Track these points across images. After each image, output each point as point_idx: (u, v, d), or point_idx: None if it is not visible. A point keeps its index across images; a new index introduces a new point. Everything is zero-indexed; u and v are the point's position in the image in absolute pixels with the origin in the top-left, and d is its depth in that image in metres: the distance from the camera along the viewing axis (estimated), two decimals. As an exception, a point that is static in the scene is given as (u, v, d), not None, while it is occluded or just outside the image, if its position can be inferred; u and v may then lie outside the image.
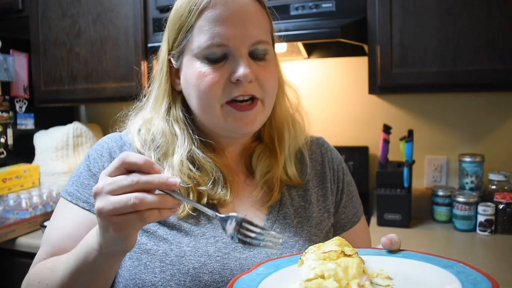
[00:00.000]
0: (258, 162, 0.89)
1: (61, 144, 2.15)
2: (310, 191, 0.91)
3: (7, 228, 1.80)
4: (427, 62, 1.59)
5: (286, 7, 1.71)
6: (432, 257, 0.65)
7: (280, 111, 0.90)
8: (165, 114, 0.85)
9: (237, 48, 0.76)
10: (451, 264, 0.62)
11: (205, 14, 0.76)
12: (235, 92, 0.77)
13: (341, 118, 2.08)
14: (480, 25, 1.53)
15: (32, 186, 2.08)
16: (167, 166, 0.82)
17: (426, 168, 1.98)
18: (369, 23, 1.66)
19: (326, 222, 0.91)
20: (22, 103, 2.24)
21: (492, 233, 1.67)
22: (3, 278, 1.90)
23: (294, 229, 0.85)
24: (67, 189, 0.85)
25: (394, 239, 0.70)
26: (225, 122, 0.80)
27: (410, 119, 1.97)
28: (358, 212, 1.00)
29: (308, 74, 2.12)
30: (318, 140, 1.01)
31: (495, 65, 1.52)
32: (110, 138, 0.89)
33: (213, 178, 0.82)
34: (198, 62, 0.78)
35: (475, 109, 1.89)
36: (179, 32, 0.80)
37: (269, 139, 0.91)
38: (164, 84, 0.86)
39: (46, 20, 2.16)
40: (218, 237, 0.80)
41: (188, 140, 0.83)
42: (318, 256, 0.62)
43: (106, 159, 0.85)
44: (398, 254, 0.69)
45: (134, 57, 2.00)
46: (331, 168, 0.97)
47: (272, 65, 0.82)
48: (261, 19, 0.80)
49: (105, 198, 0.59)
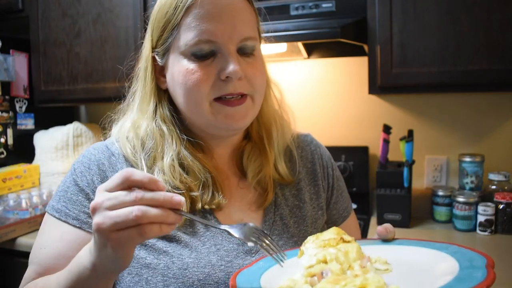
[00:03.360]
0: (249, 162, 0.87)
1: (61, 144, 2.15)
2: (303, 190, 0.91)
3: (7, 228, 1.80)
4: (427, 62, 1.59)
5: (286, 7, 1.71)
6: (426, 242, 0.67)
7: (267, 108, 0.89)
8: (152, 114, 0.83)
9: (225, 45, 0.75)
10: (446, 246, 0.63)
11: (192, 11, 0.75)
12: (224, 90, 0.76)
13: (341, 118, 2.08)
14: (480, 25, 1.53)
15: (32, 186, 2.08)
16: (157, 171, 0.79)
17: (426, 168, 1.98)
18: (369, 23, 1.66)
19: (320, 220, 0.91)
20: (22, 103, 2.24)
21: (492, 233, 1.66)
22: (3, 278, 1.90)
23: (292, 230, 0.85)
24: (53, 205, 0.81)
25: (389, 228, 0.70)
26: (215, 119, 0.78)
27: (410, 119, 1.97)
28: (348, 207, 1.01)
29: (308, 74, 2.12)
30: (306, 137, 1.00)
31: (495, 65, 1.52)
32: (96, 149, 0.85)
33: (202, 180, 0.80)
34: (185, 60, 0.76)
35: (475, 109, 1.89)
36: (164, 29, 0.79)
37: (258, 137, 0.89)
38: (150, 83, 0.83)
39: (46, 20, 2.16)
40: (219, 245, 0.78)
41: (176, 141, 0.81)
42: (318, 244, 0.64)
43: (94, 172, 0.81)
44: (393, 242, 0.70)
45: (134, 57, 1.99)
46: (321, 165, 0.97)
47: (260, 62, 0.82)
48: (249, 15, 0.79)
49: (104, 213, 0.57)
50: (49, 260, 0.78)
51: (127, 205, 0.56)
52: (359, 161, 1.99)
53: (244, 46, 0.77)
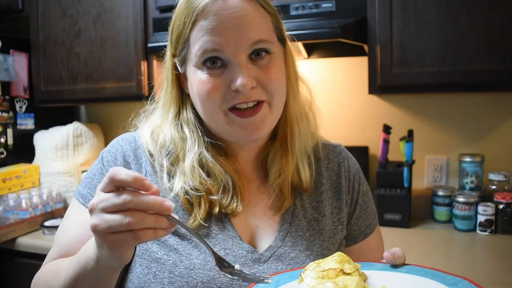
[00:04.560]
0: (272, 163, 0.86)
1: (61, 144, 2.15)
2: (324, 203, 0.89)
3: (7, 228, 1.80)
4: (427, 62, 1.59)
5: (286, 7, 1.71)
6: (437, 272, 0.64)
7: (292, 107, 0.86)
8: (173, 120, 0.84)
9: (233, 55, 0.75)
10: (456, 281, 0.60)
11: (198, 25, 0.75)
12: (235, 100, 0.76)
13: (341, 118, 2.08)
14: (480, 25, 1.53)
15: (32, 186, 2.08)
16: (179, 173, 0.80)
17: (426, 168, 1.98)
18: (369, 23, 1.66)
19: (339, 235, 0.89)
20: (22, 103, 2.24)
21: (492, 233, 1.67)
22: (3, 278, 1.90)
23: (306, 242, 0.83)
24: (80, 190, 0.85)
25: (397, 253, 0.68)
26: (231, 129, 0.78)
27: (410, 119, 1.97)
28: (372, 224, 0.96)
29: (308, 74, 2.11)
30: (336, 148, 0.98)
31: (495, 65, 1.52)
32: (125, 140, 0.87)
33: (222, 184, 0.80)
34: (198, 71, 0.77)
35: (475, 109, 1.89)
36: (178, 41, 0.80)
37: (283, 136, 0.87)
38: (171, 91, 0.84)
39: (46, 20, 2.16)
40: (228, 250, 0.78)
41: (198, 143, 0.82)
42: (317, 274, 0.62)
43: (120, 163, 0.83)
44: (402, 269, 0.67)
45: (134, 57, 2.00)
46: (347, 178, 0.94)
47: (276, 65, 0.79)
48: (259, 18, 0.77)
49: (99, 215, 0.58)
50: (69, 243, 0.81)
51: (118, 207, 0.57)
52: (359, 161, 1.94)
53: (256, 50, 0.76)
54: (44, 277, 0.79)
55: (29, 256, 1.79)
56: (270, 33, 0.79)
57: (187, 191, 0.79)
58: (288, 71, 0.84)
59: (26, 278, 0.83)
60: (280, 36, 0.83)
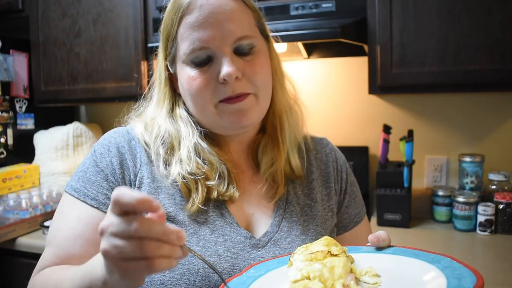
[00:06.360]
0: (263, 154, 0.89)
1: (61, 144, 2.15)
2: (315, 190, 0.92)
3: (7, 228, 1.80)
4: (427, 62, 1.59)
5: (286, 7, 1.71)
6: (421, 252, 0.66)
7: (281, 99, 0.90)
8: (167, 114, 0.87)
9: (219, 49, 0.78)
10: (439, 259, 0.62)
11: (184, 21, 0.79)
12: (224, 93, 0.78)
13: (341, 118, 2.08)
14: (480, 25, 1.53)
15: (32, 186, 2.08)
16: (175, 161, 0.82)
17: (426, 168, 1.98)
18: (369, 23, 1.66)
19: (330, 222, 0.92)
20: (22, 103, 2.24)
21: (492, 233, 1.67)
22: (3, 278, 1.90)
23: (301, 227, 0.86)
24: (72, 185, 0.82)
25: (382, 236, 0.70)
26: (221, 119, 0.81)
27: (410, 119, 1.98)
28: (360, 213, 1.01)
29: (308, 74, 2.12)
30: (322, 140, 1.02)
31: (495, 65, 1.52)
32: (117, 132, 0.87)
33: (218, 172, 0.82)
34: (187, 68, 0.80)
35: (475, 109, 1.89)
36: (167, 41, 0.84)
37: (272, 129, 0.91)
38: (163, 89, 0.88)
39: (46, 20, 2.16)
40: (226, 236, 0.80)
41: (192, 133, 0.84)
42: (305, 257, 0.63)
43: (114, 154, 0.83)
44: (388, 251, 0.69)
45: (134, 57, 2.00)
46: (335, 168, 0.98)
47: (261, 58, 0.82)
48: (241, 14, 0.80)
49: (110, 239, 0.52)
50: (67, 241, 0.78)
51: (128, 234, 0.52)
52: (359, 161, 1.99)
53: (240, 45, 0.79)
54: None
55: (29, 256, 1.79)
56: (252, 28, 0.83)
57: (184, 175, 0.80)
58: (274, 66, 0.88)
59: (26, 278, 0.82)
60: (262, 31, 0.86)
